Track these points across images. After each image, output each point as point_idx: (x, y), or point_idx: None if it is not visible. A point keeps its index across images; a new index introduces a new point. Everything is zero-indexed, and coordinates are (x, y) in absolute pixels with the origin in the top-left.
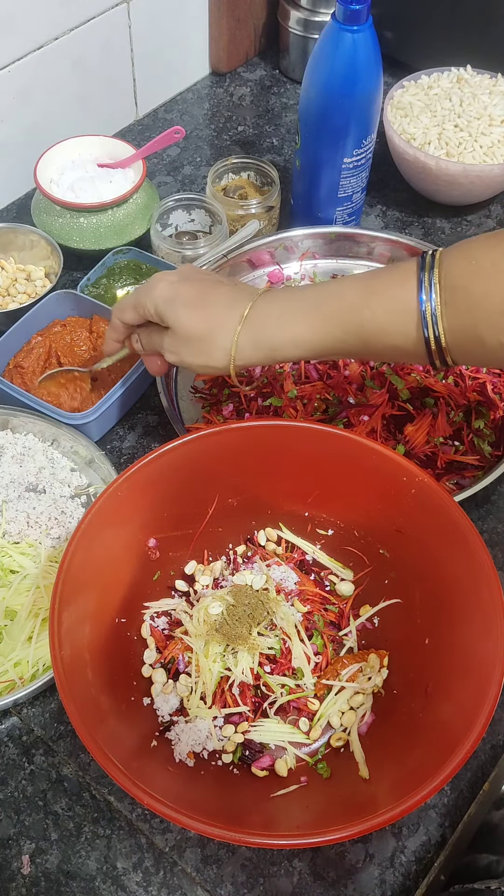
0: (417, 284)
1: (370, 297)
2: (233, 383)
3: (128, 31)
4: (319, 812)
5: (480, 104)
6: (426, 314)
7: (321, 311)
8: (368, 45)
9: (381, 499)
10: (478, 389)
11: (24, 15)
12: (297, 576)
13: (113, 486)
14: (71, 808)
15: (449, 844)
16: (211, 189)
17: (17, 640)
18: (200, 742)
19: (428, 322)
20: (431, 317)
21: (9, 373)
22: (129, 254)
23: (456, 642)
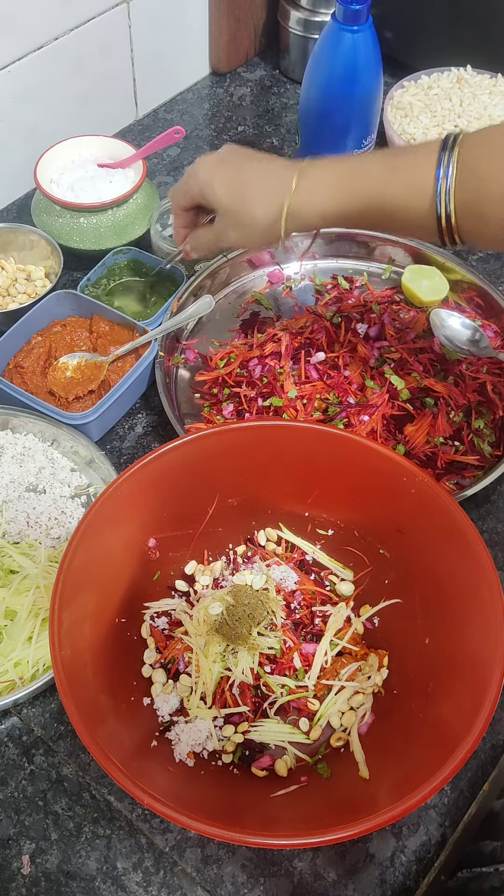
0: (437, 162)
1: (393, 173)
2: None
3: (128, 31)
4: (320, 812)
5: (480, 104)
6: (440, 191)
7: (347, 186)
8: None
9: (381, 499)
10: (478, 389)
11: (24, 15)
12: (297, 576)
13: (113, 486)
14: (71, 808)
15: (449, 844)
16: None
17: (17, 640)
18: (200, 742)
19: (441, 198)
20: (445, 194)
21: (9, 373)
22: (129, 254)
23: (456, 642)
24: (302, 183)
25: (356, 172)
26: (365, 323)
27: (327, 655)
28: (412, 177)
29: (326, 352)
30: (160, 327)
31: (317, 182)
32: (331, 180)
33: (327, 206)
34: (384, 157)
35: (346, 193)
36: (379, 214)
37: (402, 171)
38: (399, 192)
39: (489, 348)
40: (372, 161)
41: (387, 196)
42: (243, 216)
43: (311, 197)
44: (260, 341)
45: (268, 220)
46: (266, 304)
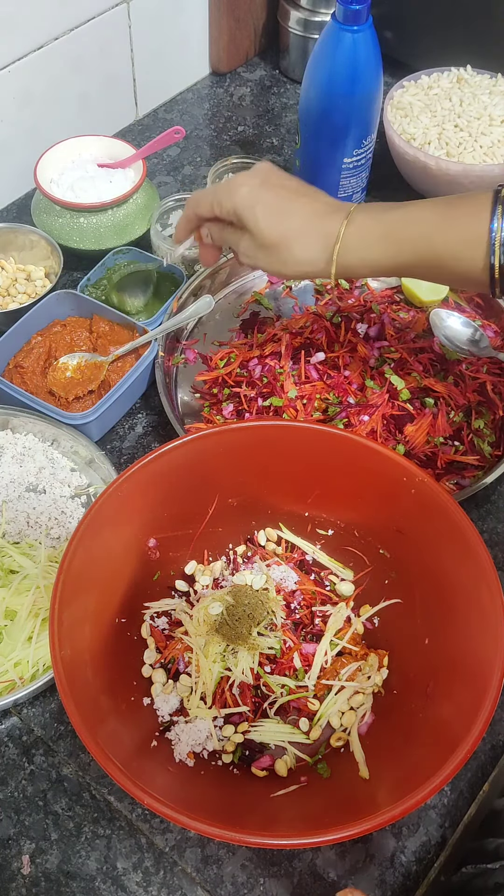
0: (490, 213)
1: (444, 224)
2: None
3: (128, 31)
4: (319, 812)
5: (480, 104)
6: (495, 242)
7: (396, 237)
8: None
9: (381, 499)
10: (478, 389)
11: (24, 15)
12: (297, 576)
13: (113, 486)
14: (71, 808)
15: (449, 845)
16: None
17: (17, 640)
18: (200, 742)
19: (496, 250)
20: (500, 246)
21: (9, 373)
22: (129, 254)
23: (456, 642)
24: (350, 231)
25: (407, 222)
26: (365, 323)
27: (327, 655)
28: (466, 228)
29: (326, 352)
30: (160, 327)
31: (365, 232)
32: (380, 230)
33: (376, 257)
34: (436, 207)
35: (395, 245)
36: (429, 267)
37: (456, 221)
38: (452, 244)
39: (489, 348)
40: (423, 211)
41: (438, 248)
42: (283, 252)
43: (359, 248)
44: (260, 341)
45: (308, 262)
46: (266, 304)
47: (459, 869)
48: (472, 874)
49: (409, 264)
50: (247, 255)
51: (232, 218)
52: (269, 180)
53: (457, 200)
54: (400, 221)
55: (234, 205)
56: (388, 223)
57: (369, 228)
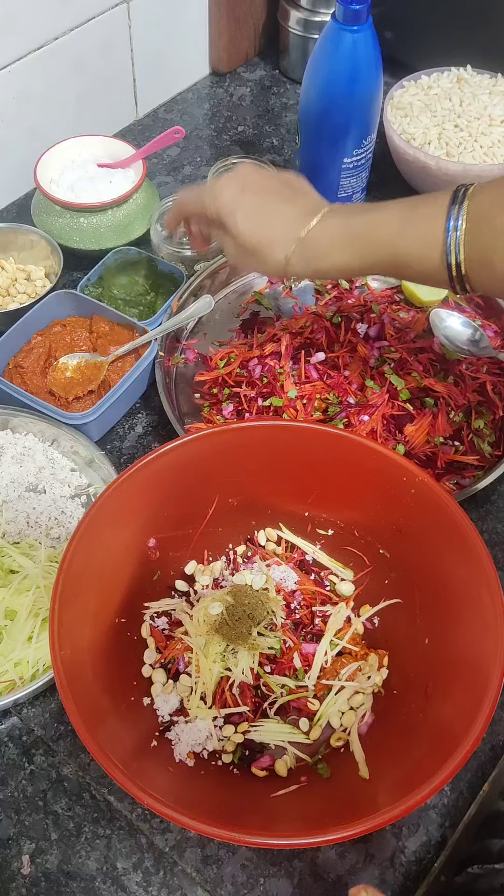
0: (447, 214)
1: (405, 226)
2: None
3: (128, 31)
4: (319, 812)
5: (480, 104)
6: (450, 242)
7: (363, 239)
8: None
9: (381, 499)
10: (478, 389)
11: (24, 15)
12: (297, 576)
13: (113, 486)
14: (71, 808)
15: (449, 845)
16: None
17: (17, 640)
18: (200, 742)
19: (451, 250)
20: (455, 244)
21: (9, 373)
22: (129, 254)
23: (456, 642)
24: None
25: (373, 225)
26: (365, 323)
27: (327, 655)
28: (425, 229)
29: (326, 352)
30: (160, 327)
31: (333, 237)
32: (348, 233)
33: (344, 259)
34: (400, 210)
35: (361, 249)
36: (396, 267)
37: (416, 224)
38: (412, 246)
39: (489, 348)
40: (387, 214)
41: (400, 249)
42: (261, 253)
43: (328, 252)
44: (260, 341)
45: (282, 262)
46: (266, 304)
47: (461, 869)
48: (478, 874)
49: (376, 266)
50: (231, 256)
51: (214, 220)
52: (251, 184)
53: (419, 201)
54: (365, 225)
55: (217, 209)
56: (354, 227)
57: (338, 231)
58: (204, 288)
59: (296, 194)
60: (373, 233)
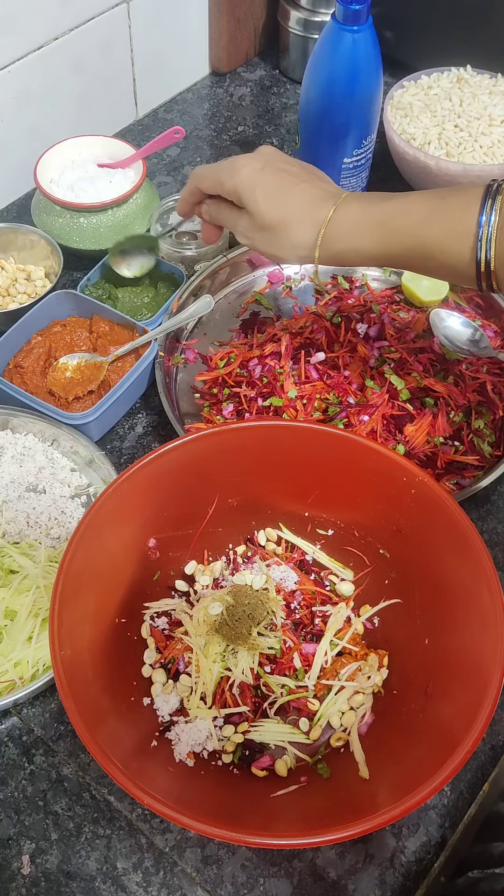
0: (479, 208)
1: (434, 216)
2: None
3: (128, 31)
4: (319, 812)
5: (480, 104)
6: (482, 237)
7: (387, 227)
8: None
9: (381, 499)
10: (478, 389)
11: (24, 15)
12: (297, 576)
13: (113, 486)
14: (71, 808)
15: (449, 845)
16: None
17: (17, 640)
18: (200, 742)
19: (482, 244)
20: (486, 241)
21: (9, 373)
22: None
23: (456, 642)
24: (341, 218)
25: (398, 213)
26: (365, 323)
27: (327, 655)
28: (455, 221)
29: (326, 352)
30: (160, 327)
31: (357, 220)
32: (372, 219)
33: (366, 245)
34: (428, 199)
35: (385, 234)
36: (418, 258)
37: (445, 214)
38: (440, 236)
39: (489, 348)
40: (415, 202)
41: (427, 239)
42: (279, 235)
43: (351, 235)
44: (260, 341)
45: (302, 245)
46: (266, 304)
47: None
48: (479, 878)
49: (398, 254)
50: (245, 236)
51: (232, 198)
52: (272, 163)
53: (448, 193)
54: (391, 212)
55: (236, 185)
56: (379, 213)
57: (361, 216)
58: (204, 288)
59: (315, 178)
60: (398, 219)
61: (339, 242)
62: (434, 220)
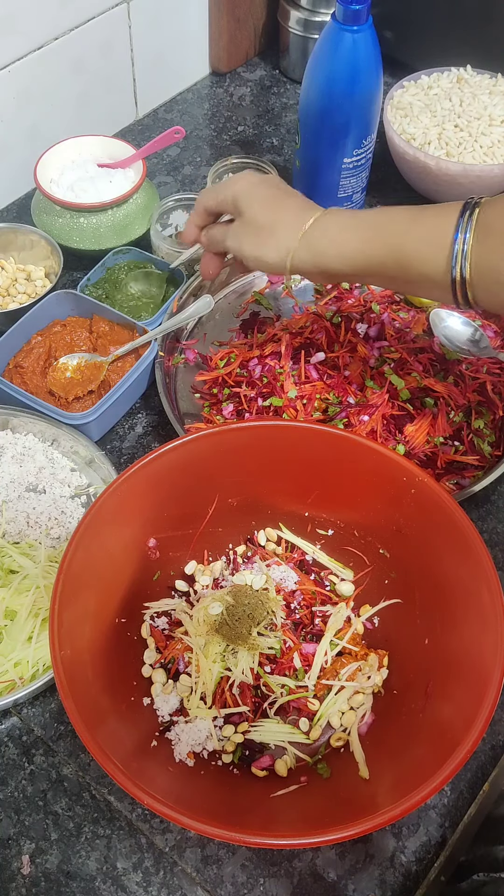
0: (457, 221)
1: (415, 225)
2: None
3: (128, 31)
4: (319, 812)
5: (480, 104)
6: (457, 251)
7: (370, 232)
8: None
9: (381, 499)
10: (478, 389)
11: (24, 15)
12: (297, 576)
13: (113, 486)
14: (71, 808)
15: (449, 845)
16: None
17: (17, 640)
18: (200, 742)
19: (458, 258)
20: (462, 253)
21: (9, 373)
22: (129, 254)
23: (456, 642)
24: (326, 218)
25: (382, 218)
26: (365, 323)
27: (327, 655)
28: (433, 228)
29: (326, 352)
30: (160, 327)
31: (341, 221)
32: (356, 221)
33: (349, 245)
34: (410, 210)
35: (367, 234)
36: (397, 265)
37: (424, 222)
38: (419, 244)
39: (489, 348)
40: (399, 211)
41: (407, 244)
42: (267, 235)
43: (336, 234)
44: (260, 341)
45: (287, 246)
46: (266, 304)
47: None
48: (484, 882)
49: (379, 260)
50: (234, 238)
51: (230, 206)
52: (267, 181)
53: (430, 207)
54: (375, 217)
55: (234, 192)
56: (363, 216)
57: (346, 219)
58: (204, 288)
59: (305, 198)
60: (381, 226)
61: (323, 240)
62: (414, 228)
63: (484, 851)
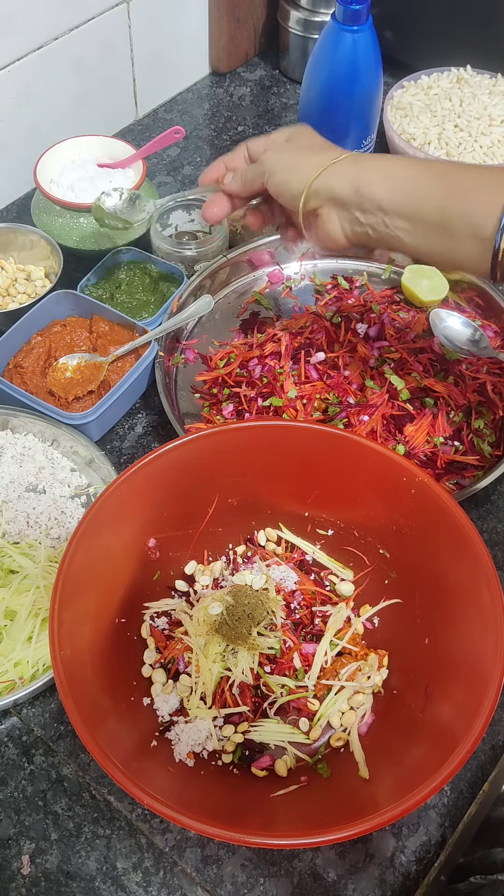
0: None
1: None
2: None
3: (128, 31)
4: (319, 812)
5: (480, 104)
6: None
7: (423, 166)
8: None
9: (381, 499)
10: (478, 389)
11: (24, 15)
12: (297, 576)
13: (113, 486)
14: (71, 808)
15: (449, 844)
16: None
17: (17, 640)
18: (200, 742)
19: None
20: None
21: (9, 373)
22: (129, 254)
23: (456, 642)
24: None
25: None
26: (365, 323)
27: (327, 655)
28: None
29: (326, 352)
30: (160, 327)
31: (388, 158)
32: (409, 160)
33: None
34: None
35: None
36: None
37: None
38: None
39: (489, 348)
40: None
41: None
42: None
43: (385, 162)
44: (260, 341)
45: (322, 164)
46: (266, 304)
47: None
48: (481, 884)
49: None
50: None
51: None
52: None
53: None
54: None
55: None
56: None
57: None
58: (204, 288)
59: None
60: (435, 164)
61: (370, 160)
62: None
63: (482, 854)
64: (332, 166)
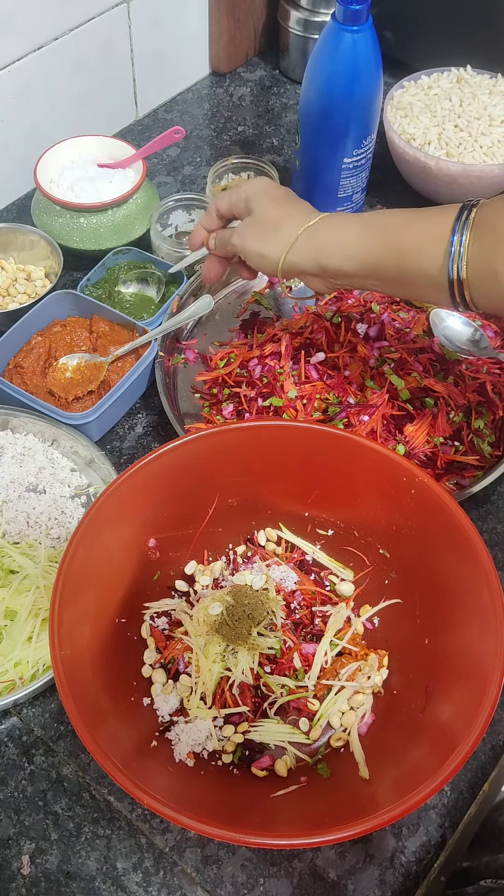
0: (455, 218)
1: (414, 224)
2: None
3: (128, 31)
4: (319, 812)
5: (480, 104)
6: (454, 251)
7: (371, 230)
8: (368, 45)
9: (381, 499)
10: (478, 389)
11: (24, 15)
12: (297, 576)
13: (113, 486)
14: (71, 808)
15: (449, 845)
16: (211, 189)
17: (17, 640)
18: (200, 742)
19: (454, 258)
20: (459, 253)
21: (9, 373)
22: (129, 254)
23: (456, 642)
24: (330, 219)
25: (382, 218)
26: (365, 323)
27: (327, 655)
28: (432, 227)
29: (326, 352)
30: (160, 327)
31: (344, 219)
32: (357, 220)
33: (350, 242)
34: (411, 211)
35: (370, 235)
36: (395, 264)
37: (424, 221)
38: (417, 242)
39: (489, 348)
40: (399, 212)
41: (406, 243)
42: (272, 231)
43: (337, 229)
44: (260, 341)
45: (290, 242)
46: (266, 304)
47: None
48: (491, 888)
49: (377, 255)
50: (240, 233)
51: (241, 205)
52: (280, 187)
53: (430, 208)
54: (376, 216)
55: (248, 191)
56: (365, 217)
57: (347, 218)
58: (204, 288)
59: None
60: (381, 224)
61: (325, 233)
62: (414, 226)
63: (490, 858)
64: (292, 249)
